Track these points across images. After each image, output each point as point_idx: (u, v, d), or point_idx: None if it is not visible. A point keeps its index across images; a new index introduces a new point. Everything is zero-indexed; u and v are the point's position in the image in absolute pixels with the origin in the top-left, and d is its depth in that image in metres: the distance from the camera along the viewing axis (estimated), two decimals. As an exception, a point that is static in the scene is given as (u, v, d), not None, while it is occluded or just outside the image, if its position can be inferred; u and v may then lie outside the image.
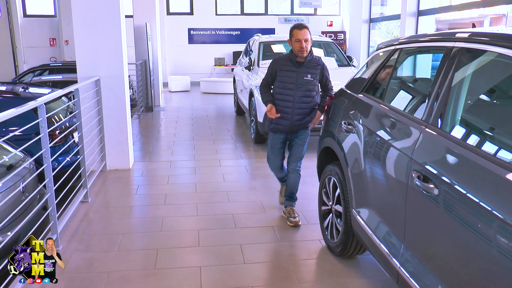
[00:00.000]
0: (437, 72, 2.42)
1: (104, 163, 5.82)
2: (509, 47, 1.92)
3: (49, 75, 10.41)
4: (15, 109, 3.25)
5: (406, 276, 2.32)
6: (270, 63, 4.19)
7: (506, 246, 1.63)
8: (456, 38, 2.37)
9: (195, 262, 3.53)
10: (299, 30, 3.93)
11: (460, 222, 1.92)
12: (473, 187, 1.87)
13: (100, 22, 5.52)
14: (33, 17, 16.43)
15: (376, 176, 2.79)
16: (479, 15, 14.37)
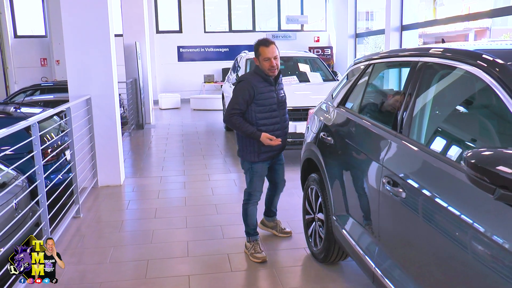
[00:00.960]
0: (405, 85, 2.61)
1: (95, 180, 5.95)
2: (461, 60, 2.12)
3: (40, 95, 10.54)
4: (6, 128, 3.39)
5: (380, 276, 2.48)
6: (242, 87, 3.63)
7: (463, 241, 1.80)
8: (420, 54, 2.57)
9: (184, 271, 3.66)
10: (266, 47, 3.58)
11: (426, 222, 2.09)
12: (435, 189, 2.05)
13: (90, 42, 5.70)
14: (23, 38, 16.60)
15: (352, 183, 2.96)
16: (464, 28, 14.72)
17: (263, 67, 3.61)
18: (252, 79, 3.64)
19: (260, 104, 3.63)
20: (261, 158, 3.75)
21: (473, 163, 1.60)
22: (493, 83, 1.89)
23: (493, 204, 1.65)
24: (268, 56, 3.57)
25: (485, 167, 1.55)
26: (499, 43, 2.73)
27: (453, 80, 2.35)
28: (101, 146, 5.93)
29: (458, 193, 1.90)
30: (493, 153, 1.58)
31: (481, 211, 1.75)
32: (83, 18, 5.63)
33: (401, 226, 2.33)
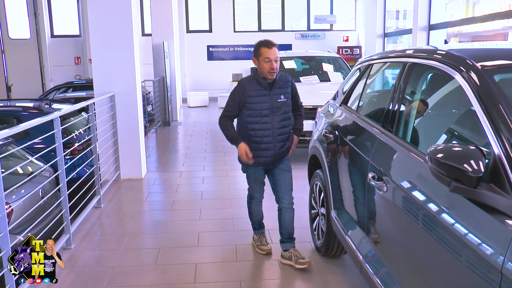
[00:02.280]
0: (395, 84, 2.73)
1: (118, 173, 6.24)
2: (443, 61, 2.23)
3: (73, 92, 11.01)
4: (29, 122, 3.69)
5: (366, 266, 2.61)
6: (235, 90, 3.56)
7: (435, 230, 1.92)
8: (409, 55, 2.69)
9: (192, 259, 3.87)
10: (268, 48, 3.42)
11: (404, 214, 2.21)
12: (410, 183, 2.17)
13: (115, 42, 5.98)
14: (59, 37, 17.26)
15: (347, 179, 3.10)
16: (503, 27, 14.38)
17: (261, 69, 3.45)
18: (246, 82, 3.54)
19: (250, 108, 3.50)
20: (250, 164, 3.62)
21: (432, 158, 1.72)
22: (464, 84, 2.00)
23: (450, 196, 1.77)
24: (269, 57, 3.40)
25: (440, 160, 1.68)
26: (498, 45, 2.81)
27: (434, 80, 2.46)
28: (124, 141, 6.21)
29: (428, 187, 2.01)
30: (446, 149, 1.70)
31: (442, 202, 1.87)
32: (108, 18, 5.92)
33: (384, 219, 2.46)
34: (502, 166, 1.62)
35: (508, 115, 1.73)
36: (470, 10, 13.47)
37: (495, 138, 1.71)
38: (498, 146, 1.68)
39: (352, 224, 3.00)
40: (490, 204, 1.59)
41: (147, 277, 3.60)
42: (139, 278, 3.58)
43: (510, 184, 1.56)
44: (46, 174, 4.56)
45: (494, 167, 1.67)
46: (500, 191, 1.59)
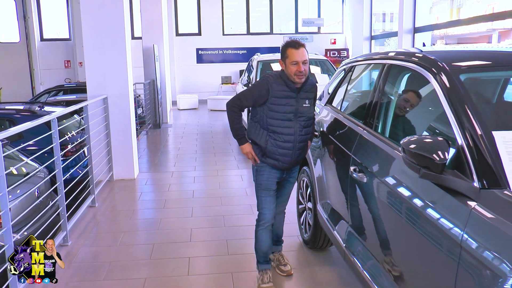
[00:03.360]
0: (375, 84, 2.94)
1: (111, 173, 6.38)
2: (418, 63, 2.44)
3: (63, 95, 11.12)
4: (29, 122, 3.84)
5: (348, 253, 2.81)
6: (258, 84, 3.30)
7: (407, 212, 2.13)
8: (388, 57, 2.90)
9: (185, 254, 4.04)
10: (295, 49, 3.12)
11: (380, 202, 2.41)
12: (387, 172, 2.38)
13: (107, 45, 6.14)
14: (49, 41, 17.31)
15: (331, 173, 3.30)
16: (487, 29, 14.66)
17: (289, 72, 3.14)
18: (272, 80, 3.21)
19: (273, 109, 3.19)
20: (265, 161, 3.30)
21: (404, 149, 1.93)
22: (435, 84, 2.21)
23: (419, 182, 1.97)
24: (297, 59, 3.10)
25: (411, 150, 1.88)
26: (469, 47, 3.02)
27: (410, 81, 2.67)
28: (117, 142, 6.36)
29: (400, 174, 2.22)
30: (417, 139, 1.90)
31: (412, 187, 2.07)
32: (101, 22, 6.07)
33: (364, 207, 2.66)
34: (464, 155, 1.83)
35: (470, 111, 1.93)
36: (455, 13, 13.77)
37: (459, 131, 1.91)
38: (461, 138, 1.89)
39: (335, 215, 3.20)
40: (453, 187, 1.79)
41: (143, 270, 3.77)
42: (135, 272, 3.74)
43: (470, 170, 1.77)
44: (41, 175, 4.70)
45: (457, 156, 1.87)
46: (462, 176, 1.79)
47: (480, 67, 2.39)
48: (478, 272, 1.55)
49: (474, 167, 1.76)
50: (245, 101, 3.29)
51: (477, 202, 1.67)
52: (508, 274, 1.42)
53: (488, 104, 2.45)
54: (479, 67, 2.38)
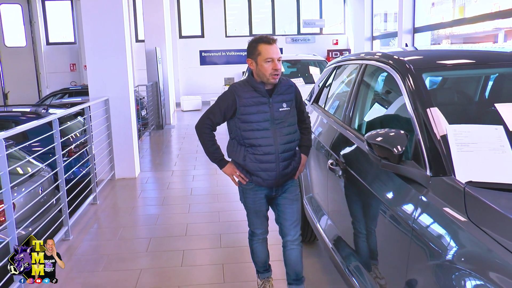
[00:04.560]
0: (353, 83, 3.12)
1: (113, 173, 6.60)
2: (385, 62, 2.63)
3: (69, 97, 11.38)
4: (29, 123, 4.06)
5: (328, 243, 3.00)
6: (224, 96, 2.86)
7: (370, 198, 2.31)
8: (364, 58, 3.08)
9: (180, 247, 4.24)
10: (269, 45, 2.73)
11: (351, 188, 2.60)
12: (356, 164, 2.56)
13: (108, 49, 6.35)
14: (55, 45, 17.62)
15: (314, 168, 3.48)
16: (493, 28, 14.71)
17: (262, 72, 2.75)
18: (238, 88, 2.82)
19: (244, 120, 2.80)
20: (251, 179, 2.90)
21: (368, 142, 2.11)
22: (400, 83, 2.39)
23: (380, 171, 2.16)
24: (272, 56, 2.72)
25: (374, 143, 2.06)
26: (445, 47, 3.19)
27: (380, 78, 2.86)
28: (118, 142, 6.58)
29: (366, 165, 2.41)
30: (377, 133, 2.08)
31: (374, 176, 2.26)
32: (102, 26, 6.29)
33: (339, 198, 2.84)
34: (420, 147, 2.01)
35: (427, 109, 2.11)
36: (457, 12, 13.84)
37: (417, 126, 2.09)
38: (419, 132, 2.06)
39: (318, 208, 3.38)
40: (409, 176, 1.97)
41: (139, 262, 3.97)
42: (132, 263, 3.95)
43: (424, 161, 1.95)
44: (44, 174, 4.92)
45: (415, 149, 2.05)
46: (417, 166, 1.97)
47: (443, 67, 2.57)
48: (425, 248, 1.73)
49: (427, 158, 1.94)
50: (213, 117, 2.87)
51: (427, 188, 1.85)
52: (448, 248, 1.61)
53: (450, 100, 2.62)
54: (441, 67, 2.56)
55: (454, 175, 1.79)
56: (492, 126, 1.88)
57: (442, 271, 1.59)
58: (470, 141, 1.83)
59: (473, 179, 1.71)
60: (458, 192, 1.69)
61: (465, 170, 1.76)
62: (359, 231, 2.53)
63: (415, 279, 1.76)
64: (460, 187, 1.69)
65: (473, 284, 1.43)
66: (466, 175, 1.73)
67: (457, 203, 1.66)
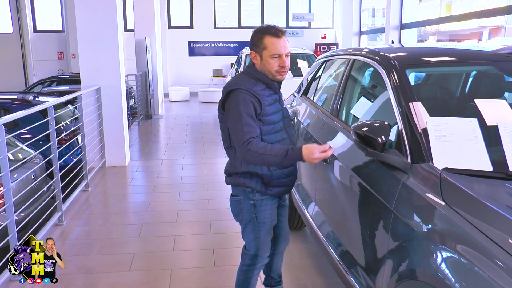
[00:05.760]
0: (341, 77, 3.28)
1: (103, 161, 6.70)
2: (371, 58, 2.79)
3: (57, 86, 11.38)
4: (26, 110, 4.15)
5: (315, 228, 3.17)
6: (242, 99, 2.37)
7: (356, 185, 2.48)
8: (352, 53, 3.24)
9: (171, 232, 4.38)
10: (277, 38, 2.41)
11: (338, 175, 2.76)
12: (343, 152, 2.73)
13: (101, 38, 6.43)
14: (42, 32, 17.50)
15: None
16: (478, 26, 15.00)
17: (267, 68, 2.44)
18: (253, 86, 2.42)
19: (267, 122, 2.46)
20: (269, 192, 2.54)
21: (354, 131, 2.27)
22: (385, 78, 2.55)
23: (365, 159, 2.33)
24: (280, 52, 2.41)
25: (358, 132, 2.22)
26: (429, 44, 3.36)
27: (367, 73, 3.02)
28: (109, 131, 6.67)
29: (352, 153, 2.57)
30: (363, 123, 2.24)
31: (360, 164, 2.43)
32: (95, 15, 6.36)
33: (326, 185, 3.01)
34: (402, 137, 2.18)
35: (409, 102, 2.27)
36: (444, 10, 14.07)
37: (400, 117, 2.26)
38: (401, 123, 2.23)
39: (305, 194, 3.55)
40: (392, 163, 2.14)
41: (132, 246, 4.11)
42: (124, 247, 4.08)
43: (405, 149, 2.11)
44: (36, 160, 5.01)
45: (398, 138, 2.22)
46: (399, 154, 2.14)
47: (426, 63, 2.74)
48: (405, 227, 1.90)
49: (408, 146, 2.11)
50: (253, 128, 2.37)
51: (408, 174, 2.02)
52: (425, 226, 1.78)
53: (432, 95, 2.80)
54: (424, 64, 2.73)
55: (432, 162, 1.96)
56: (467, 119, 2.05)
57: (420, 248, 1.76)
58: (447, 132, 2.01)
59: (449, 166, 1.89)
60: (435, 177, 1.86)
61: (442, 158, 1.93)
62: (346, 215, 2.70)
63: (396, 256, 1.93)
64: (437, 173, 1.86)
65: (445, 256, 1.61)
66: (443, 162, 1.91)
67: (434, 187, 1.83)
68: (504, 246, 1.45)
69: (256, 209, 2.57)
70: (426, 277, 1.66)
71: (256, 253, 2.66)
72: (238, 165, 2.55)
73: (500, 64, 2.78)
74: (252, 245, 2.66)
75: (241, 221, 2.67)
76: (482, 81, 2.94)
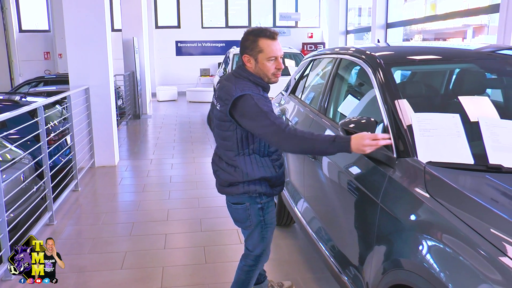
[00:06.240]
0: (328, 75, 3.35)
1: (93, 161, 6.70)
2: (358, 57, 2.86)
3: (44, 86, 11.31)
4: (15, 110, 4.15)
5: (304, 223, 3.23)
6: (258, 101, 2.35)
7: (343, 179, 2.55)
8: (339, 52, 3.31)
9: (162, 231, 4.42)
10: (272, 40, 2.41)
11: (326, 171, 2.83)
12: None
13: (89, 37, 6.43)
14: (28, 32, 17.34)
15: (290, 154, 3.71)
16: (462, 25, 15.18)
17: (263, 71, 2.44)
18: (255, 89, 2.43)
19: None
20: (276, 191, 2.65)
21: (342, 127, 2.34)
22: (371, 76, 2.62)
23: (352, 154, 2.40)
24: (276, 54, 2.43)
25: (346, 128, 2.29)
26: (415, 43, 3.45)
27: (353, 71, 3.10)
28: (98, 131, 6.68)
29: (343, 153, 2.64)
30: (350, 120, 2.31)
31: (347, 159, 2.51)
32: (83, 15, 6.35)
33: (314, 181, 3.08)
34: (388, 133, 2.25)
35: (394, 99, 2.35)
36: (429, 9, 14.24)
37: (385, 114, 2.33)
38: (386, 119, 2.30)
39: (294, 190, 3.62)
40: (378, 158, 2.21)
41: (123, 245, 4.14)
42: (116, 246, 4.11)
43: (391, 144, 2.18)
44: (25, 161, 5.01)
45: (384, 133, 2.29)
46: (385, 149, 2.21)
47: (411, 62, 2.82)
48: (391, 219, 1.97)
49: (394, 141, 2.18)
50: (280, 119, 2.38)
51: (394, 168, 2.09)
52: (410, 217, 1.86)
53: (417, 92, 2.88)
54: (409, 62, 2.81)
55: (416, 156, 2.03)
56: (450, 115, 2.13)
57: (406, 239, 1.83)
58: (431, 127, 2.08)
59: (433, 159, 1.96)
60: (419, 170, 1.93)
61: (426, 152, 2.01)
62: (334, 210, 2.77)
63: (383, 248, 2.00)
64: (421, 166, 1.94)
65: (430, 246, 1.68)
66: (427, 156, 1.99)
67: (418, 179, 1.90)
68: (486, 235, 1.52)
69: (264, 212, 2.63)
70: (412, 267, 1.73)
71: (262, 253, 2.73)
72: (250, 172, 2.50)
73: (483, 62, 2.87)
74: (258, 246, 2.70)
75: (248, 227, 2.67)
76: (465, 78, 3.02)
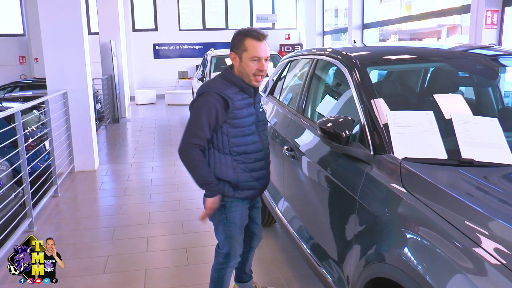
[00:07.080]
0: (306, 76, 3.41)
1: (72, 166, 6.65)
2: (334, 57, 2.92)
3: (20, 91, 11.16)
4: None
5: (285, 222, 3.28)
6: (207, 102, 2.46)
7: (322, 177, 2.60)
8: (316, 53, 3.37)
9: (144, 234, 4.42)
10: (257, 41, 2.48)
11: (305, 169, 2.89)
12: (309, 147, 2.85)
13: (66, 41, 6.38)
14: (1, 36, 17.04)
15: (271, 155, 3.75)
16: (437, 25, 15.46)
17: (245, 71, 2.50)
18: (224, 89, 2.49)
19: (236, 125, 2.53)
20: (240, 195, 2.64)
21: (319, 126, 2.39)
22: (348, 76, 2.68)
23: (330, 153, 2.46)
24: (260, 55, 2.48)
25: (323, 127, 2.34)
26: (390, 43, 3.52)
27: (330, 72, 3.16)
28: (77, 135, 6.63)
29: (321, 151, 2.70)
30: (328, 119, 2.36)
31: (325, 157, 2.56)
32: (59, 18, 6.30)
33: (294, 179, 3.13)
34: (364, 131, 2.31)
35: (370, 99, 2.41)
36: (404, 10, 14.48)
37: (362, 113, 2.39)
38: (363, 118, 2.36)
39: (274, 190, 3.67)
40: (355, 155, 2.27)
41: (105, 249, 4.13)
42: (98, 251, 4.10)
43: (368, 142, 2.25)
44: (2, 167, 4.94)
45: (361, 132, 2.35)
46: (362, 147, 2.27)
47: (386, 61, 2.90)
48: (369, 214, 2.03)
49: (371, 139, 2.24)
50: (201, 133, 2.46)
51: (371, 165, 2.15)
52: (387, 212, 1.92)
53: (393, 91, 2.96)
54: (385, 62, 2.89)
55: (392, 153, 2.09)
56: (424, 112, 2.20)
57: (384, 233, 1.89)
58: (406, 124, 2.15)
59: (408, 155, 2.03)
60: (395, 166, 2.00)
61: (401, 148, 2.07)
62: (314, 208, 2.82)
63: (362, 242, 2.05)
64: (397, 162, 2.00)
65: (407, 239, 1.74)
66: (403, 153, 2.05)
67: (394, 175, 1.97)
68: (460, 227, 1.58)
69: (226, 210, 2.68)
70: (391, 260, 1.79)
71: (229, 252, 2.76)
72: (212, 167, 2.60)
73: (455, 61, 2.97)
74: (225, 244, 2.76)
75: (213, 221, 2.78)
76: (439, 77, 3.11)
